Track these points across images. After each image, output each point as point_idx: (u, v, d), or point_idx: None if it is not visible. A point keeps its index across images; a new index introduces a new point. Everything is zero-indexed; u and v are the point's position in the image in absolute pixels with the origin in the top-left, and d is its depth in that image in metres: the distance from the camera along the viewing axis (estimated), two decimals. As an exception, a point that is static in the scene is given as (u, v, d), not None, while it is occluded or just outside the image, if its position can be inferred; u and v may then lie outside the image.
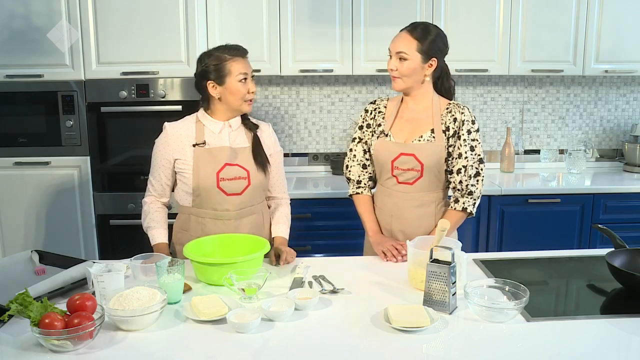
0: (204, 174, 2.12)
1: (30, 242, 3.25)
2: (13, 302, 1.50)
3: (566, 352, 1.52)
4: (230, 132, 2.18)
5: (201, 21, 3.23)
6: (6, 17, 3.08)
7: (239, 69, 2.10)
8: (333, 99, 3.85)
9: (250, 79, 2.13)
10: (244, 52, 2.14)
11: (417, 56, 2.12)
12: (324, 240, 3.33)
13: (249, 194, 2.17)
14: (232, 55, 2.10)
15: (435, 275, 1.68)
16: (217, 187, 2.12)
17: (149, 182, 2.22)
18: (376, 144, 2.24)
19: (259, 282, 1.77)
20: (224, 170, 2.13)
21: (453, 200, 2.21)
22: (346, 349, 1.50)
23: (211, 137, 2.16)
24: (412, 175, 2.18)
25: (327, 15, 3.39)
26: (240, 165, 2.15)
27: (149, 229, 2.19)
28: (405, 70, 2.13)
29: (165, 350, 1.50)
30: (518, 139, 3.92)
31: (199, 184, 2.13)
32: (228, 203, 2.15)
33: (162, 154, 2.16)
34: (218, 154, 2.13)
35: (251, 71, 2.14)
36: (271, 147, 2.26)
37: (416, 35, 2.12)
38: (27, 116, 3.20)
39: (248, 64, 2.14)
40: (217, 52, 2.12)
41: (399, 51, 2.13)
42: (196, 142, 2.14)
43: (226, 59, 2.10)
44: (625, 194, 3.41)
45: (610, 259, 1.89)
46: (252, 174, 2.16)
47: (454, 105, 2.20)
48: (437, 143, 2.17)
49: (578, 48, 3.51)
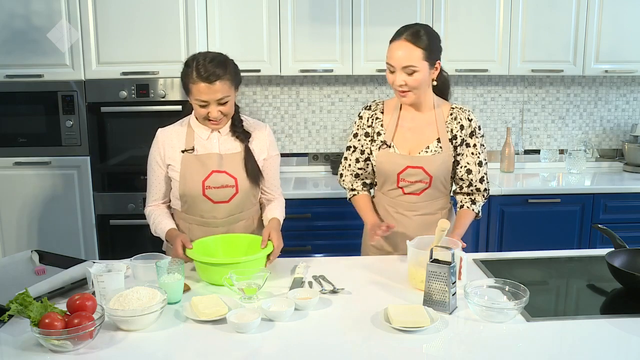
0: (190, 181, 2.08)
1: (30, 242, 3.25)
2: (13, 302, 1.50)
3: (566, 352, 1.52)
4: (219, 137, 2.11)
5: (201, 21, 3.22)
6: (6, 17, 3.07)
7: (197, 94, 1.96)
8: (333, 99, 3.85)
9: (214, 105, 1.98)
10: (212, 78, 1.94)
11: (425, 65, 2.01)
12: (324, 240, 3.33)
13: (237, 201, 2.13)
14: (197, 78, 1.94)
15: (435, 275, 1.68)
16: (202, 195, 2.08)
17: (148, 192, 2.17)
18: (379, 156, 2.16)
19: (259, 282, 1.77)
20: (210, 178, 2.07)
21: (470, 202, 2.20)
22: (346, 349, 1.50)
23: (200, 143, 2.10)
24: (419, 186, 2.14)
25: (327, 15, 3.38)
26: (228, 172, 2.09)
27: (156, 227, 2.11)
28: (415, 83, 2.02)
29: (165, 350, 1.50)
30: (518, 139, 3.92)
31: (185, 191, 2.09)
32: (215, 211, 2.11)
33: (156, 161, 2.12)
34: (205, 161, 2.08)
35: (218, 98, 1.96)
36: (267, 151, 2.18)
37: (420, 44, 1.99)
38: (27, 116, 3.20)
39: (215, 91, 1.95)
40: (190, 64, 1.98)
41: (407, 65, 1.99)
42: (185, 148, 2.09)
43: (189, 78, 1.97)
44: (625, 194, 3.41)
45: (610, 259, 1.89)
46: (241, 182, 2.10)
47: (458, 109, 2.16)
48: (444, 153, 2.13)
49: (578, 48, 3.51)
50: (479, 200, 2.21)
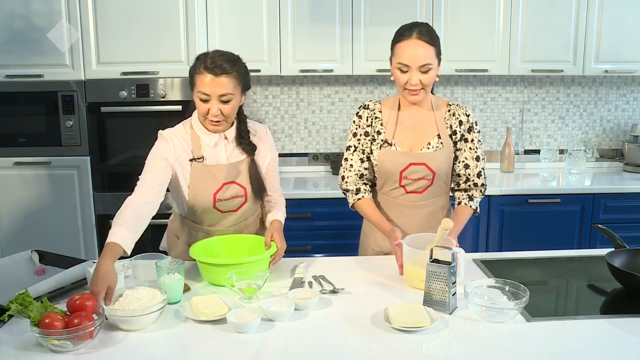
0: (202, 193, 2.03)
1: (31, 242, 3.24)
2: (13, 302, 1.50)
3: (566, 352, 1.52)
4: (226, 144, 2.07)
5: (201, 21, 3.22)
6: (6, 17, 3.07)
7: (200, 86, 1.92)
8: (333, 99, 3.85)
9: (215, 101, 1.92)
10: (218, 70, 1.90)
11: (436, 61, 2.03)
12: (324, 240, 3.33)
13: (244, 210, 2.13)
14: (203, 70, 1.91)
15: (435, 275, 1.68)
16: (213, 207, 2.07)
17: (140, 181, 1.96)
18: (380, 155, 2.15)
19: (259, 282, 1.76)
20: (221, 191, 2.05)
21: (467, 198, 2.20)
22: (346, 349, 1.50)
23: (207, 150, 2.04)
24: (422, 184, 2.14)
25: (327, 15, 3.38)
26: (238, 183, 2.07)
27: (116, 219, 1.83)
28: (429, 80, 2.03)
29: (165, 350, 1.50)
30: (518, 139, 3.92)
31: (195, 202, 2.05)
32: (223, 220, 2.12)
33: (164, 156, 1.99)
34: (215, 173, 2.03)
35: (220, 94, 1.91)
36: (269, 154, 2.17)
37: (433, 42, 2.01)
38: (27, 116, 3.20)
39: (218, 84, 1.90)
40: (200, 57, 1.96)
41: (425, 64, 1.99)
42: (194, 157, 2.02)
43: (196, 70, 1.94)
44: (625, 194, 3.41)
45: (610, 259, 1.89)
46: (249, 192, 2.10)
47: (455, 106, 2.17)
48: (446, 149, 2.13)
49: (578, 48, 3.51)
50: (476, 196, 2.21)
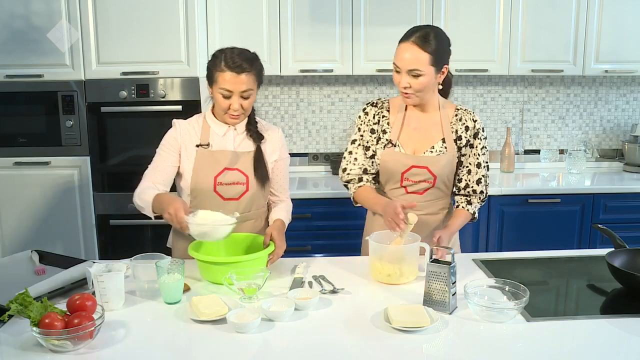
0: (203, 176, 2.10)
1: (30, 242, 3.24)
2: (13, 302, 1.50)
3: (566, 352, 1.52)
4: (235, 135, 2.14)
5: (201, 21, 3.22)
6: (6, 17, 3.07)
7: (223, 83, 1.99)
8: (333, 99, 3.85)
9: (237, 97, 2.01)
10: (239, 69, 1.98)
11: (431, 69, 1.99)
12: (324, 240, 3.33)
13: (247, 200, 2.14)
14: (225, 67, 1.98)
15: (435, 275, 1.68)
16: (213, 191, 2.10)
17: (149, 169, 2.12)
18: (384, 154, 2.15)
19: (259, 282, 1.77)
20: (222, 175, 2.10)
21: (466, 202, 2.20)
22: (346, 349, 1.49)
23: (216, 139, 2.12)
24: (423, 186, 2.14)
25: (327, 15, 3.38)
26: (240, 170, 2.11)
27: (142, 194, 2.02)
28: (419, 86, 2.01)
29: (165, 350, 1.50)
30: (518, 139, 3.92)
31: (196, 185, 2.11)
32: (225, 208, 2.08)
33: (170, 145, 2.12)
34: (219, 157, 2.10)
35: (242, 90, 2.00)
36: (278, 153, 2.22)
37: (427, 48, 1.96)
38: (27, 116, 3.20)
39: (240, 82, 1.98)
40: (218, 55, 2.03)
41: (413, 69, 1.98)
42: (200, 143, 2.11)
43: (216, 67, 2.00)
44: (625, 194, 3.41)
45: (610, 259, 1.89)
46: (252, 180, 2.12)
47: (463, 111, 2.16)
48: (449, 154, 2.13)
49: (578, 48, 3.51)
50: (474, 202, 2.20)
